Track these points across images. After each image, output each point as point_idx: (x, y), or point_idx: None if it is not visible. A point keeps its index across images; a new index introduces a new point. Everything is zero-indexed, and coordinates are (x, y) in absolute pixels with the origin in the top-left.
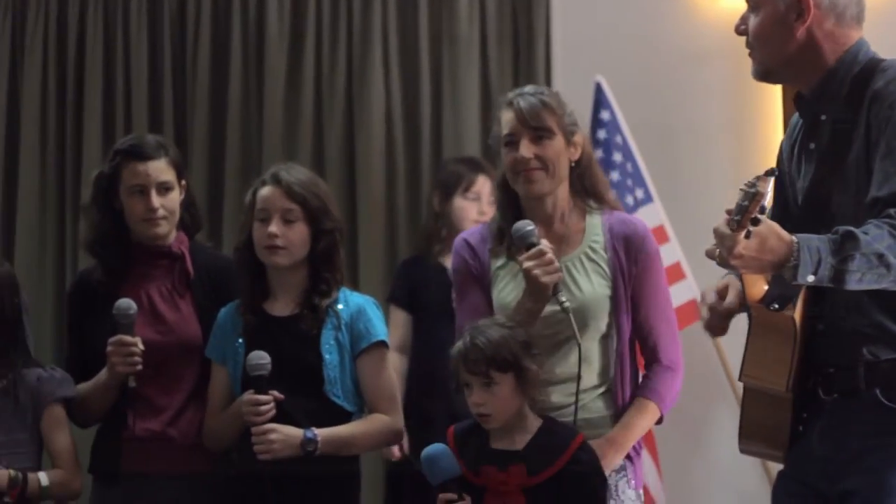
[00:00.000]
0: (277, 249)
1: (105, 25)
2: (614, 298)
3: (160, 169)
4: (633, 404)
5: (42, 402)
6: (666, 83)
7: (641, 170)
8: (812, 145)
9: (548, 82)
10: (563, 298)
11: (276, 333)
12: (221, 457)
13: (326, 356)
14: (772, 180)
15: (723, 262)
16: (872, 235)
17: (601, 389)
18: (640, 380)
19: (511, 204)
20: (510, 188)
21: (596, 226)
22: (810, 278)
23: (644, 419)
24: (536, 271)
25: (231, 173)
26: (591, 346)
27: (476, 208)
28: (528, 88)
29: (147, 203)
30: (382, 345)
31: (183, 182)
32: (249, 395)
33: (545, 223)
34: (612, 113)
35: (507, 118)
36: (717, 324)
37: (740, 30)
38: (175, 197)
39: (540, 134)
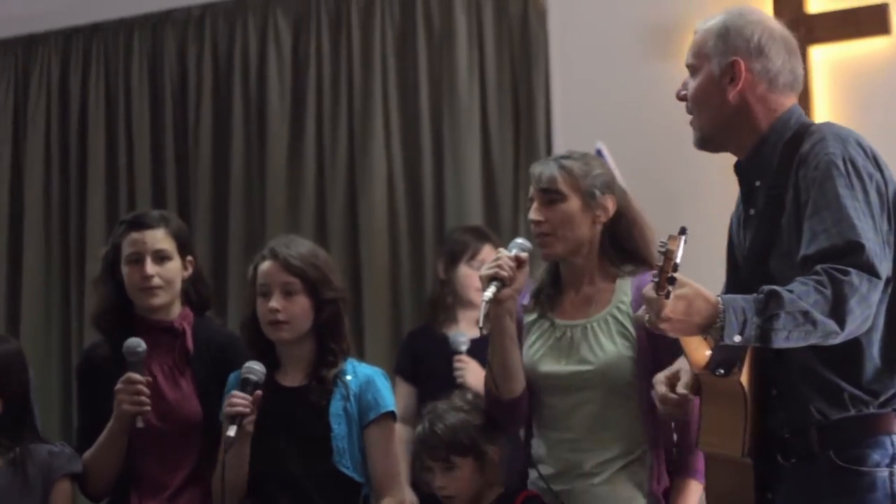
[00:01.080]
0: (280, 324)
1: (107, 99)
2: (638, 360)
3: (156, 238)
4: (676, 487)
5: (51, 478)
6: (666, 149)
7: None
8: (752, 211)
9: (548, 149)
10: (487, 293)
11: (286, 403)
12: None
13: (335, 427)
14: (682, 239)
15: (652, 326)
16: (798, 293)
17: (631, 457)
18: (675, 455)
19: (552, 264)
20: None
21: (624, 287)
22: (737, 338)
23: (689, 501)
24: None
25: (234, 244)
26: (614, 411)
27: (475, 276)
28: (559, 153)
29: (142, 271)
30: (391, 416)
31: (189, 258)
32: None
33: (574, 284)
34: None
35: (531, 186)
36: (673, 411)
37: (680, 95)
38: (173, 267)
39: (550, 198)
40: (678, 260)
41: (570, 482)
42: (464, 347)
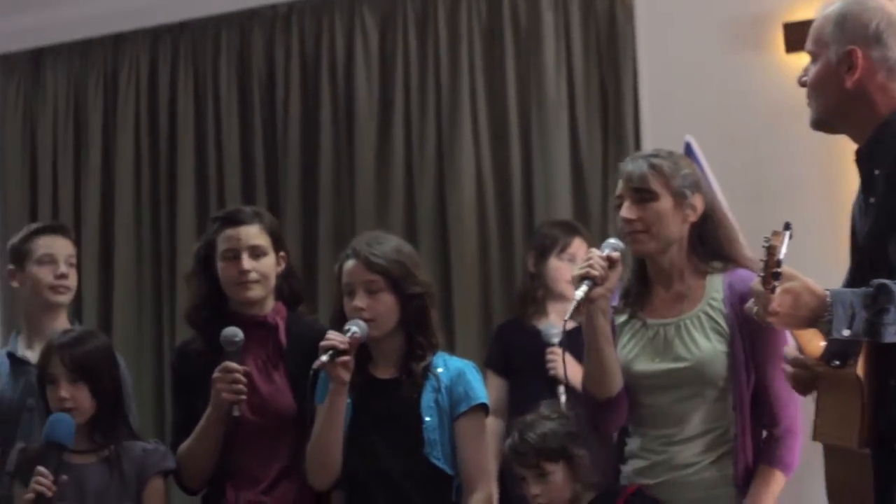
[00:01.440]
0: (368, 322)
1: (195, 97)
2: (732, 356)
3: (252, 234)
4: (759, 473)
5: (145, 475)
6: (756, 140)
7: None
8: (871, 199)
9: (637, 142)
10: (579, 292)
11: (379, 395)
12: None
13: (426, 419)
14: (787, 234)
15: (760, 319)
16: None
17: (722, 449)
18: (762, 444)
19: (638, 263)
20: None
21: (716, 283)
22: (845, 332)
23: (771, 488)
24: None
25: (324, 241)
26: (710, 405)
27: (570, 270)
28: (646, 151)
29: (238, 266)
30: (482, 408)
31: (282, 253)
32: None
33: (664, 282)
34: (703, 172)
35: (619, 181)
36: (803, 377)
37: (801, 81)
38: (269, 263)
39: (642, 196)
40: (782, 256)
41: (662, 475)
42: (556, 339)
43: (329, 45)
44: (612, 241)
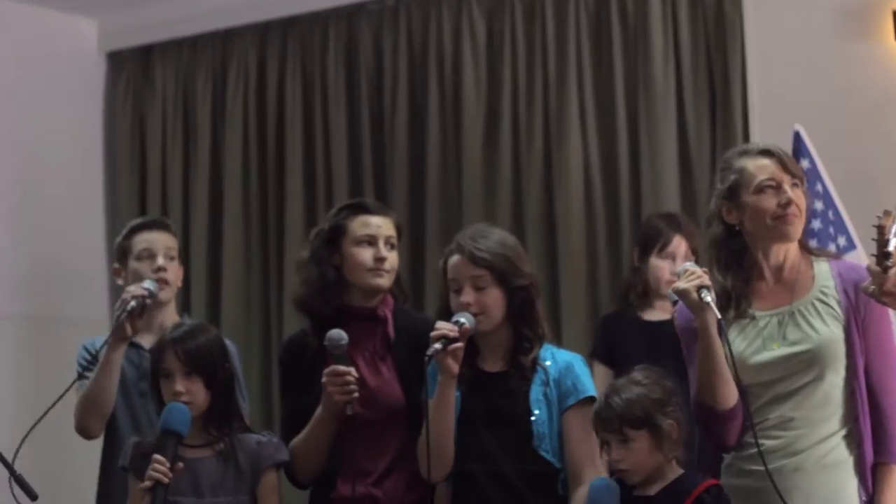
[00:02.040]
0: (476, 317)
1: (304, 92)
2: (848, 340)
3: (388, 225)
4: (879, 474)
5: (260, 467)
6: (865, 130)
7: (843, 217)
8: None
9: (745, 132)
10: (708, 298)
11: (487, 388)
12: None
13: (536, 412)
14: (893, 214)
15: (876, 298)
16: None
17: (843, 432)
18: (874, 438)
19: (732, 258)
20: (728, 244)
21: (825, 272)
22: None
23: (894, 487)
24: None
25: (432, 234)
26: (831, 389)
27: (670, 268)
28: (765, 143)
29: (377, 252)
30: (590, 401)
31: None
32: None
33: (775, 272)
34: (812, 161)
35: (761, 164)
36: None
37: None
38: (396, 257)
39: (796, 182)
40: (892, 235)
41: (780, 460)
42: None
43: (437, 39)
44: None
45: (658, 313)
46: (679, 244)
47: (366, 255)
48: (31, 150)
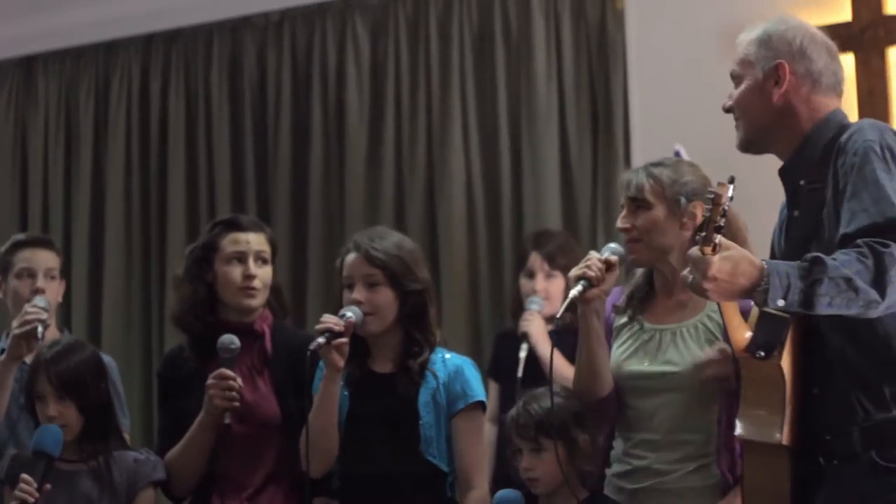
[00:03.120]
0: (366, 316)
1: (187, 104)
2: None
3: (259, 241)
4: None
5: (136, 485)
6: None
7: None
8: (796, 212)
9: (626, 152)
10: (574, 290)
11: (376, 389)
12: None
13: (424, 416)
14: (731, 187)
15: (697, 289)
16: (840, 261)
17: (703, 461)
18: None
19: (646, 270)
20: None
21: None
22: (780, 303)
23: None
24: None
25: (314, 247)
26: (694, 413)
27: (530, 285)
28: (653, 160)
29: (245, 270)
30: (479, 406)
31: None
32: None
33: (667, 290)
34: None
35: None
36: (719, 371)
37: (727, 107)
38: (269, 272)
39: (637, 205)
40: (726, 207)
41: (643, 480)
42: (535, 307)
43: (321, 53)
44: (612, 245)
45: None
46: (535, 260)
47: (235, 272)
48: None
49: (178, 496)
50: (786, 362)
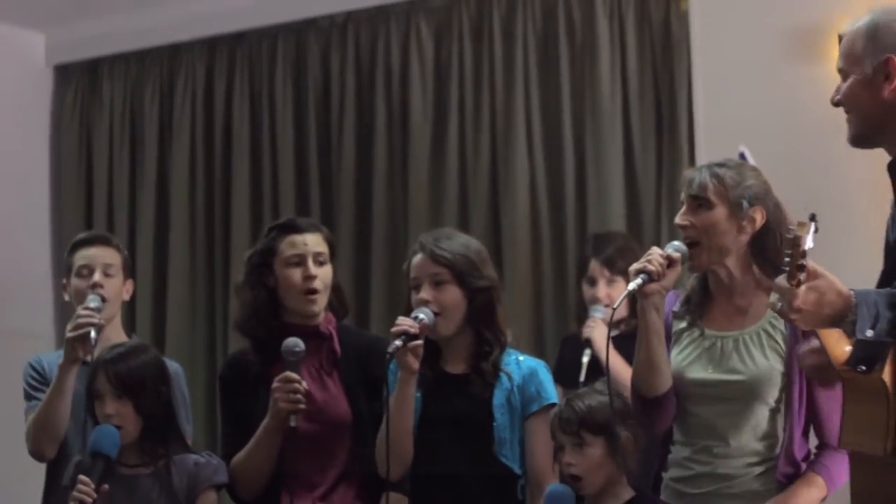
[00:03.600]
0: (436, 317)
1: (251, 107)
2: (788, 375)
3: (317, 241)
4: (802, 476)
5: (197, 489)
6: (809, 153)
7: None
8: None
9: (691, 153)
10: (633, 284)
11: (449, 391)
12: None
13: (498, 417)
14: (812, 226)
15: (783, 315)
16: None
17: (765, 466)
18: (811, 458)
19: (702, 276)
20: None
21: None
22: (869, 333)
23: (810, 490)
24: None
25: (377, 249)
26: (761, 421)
27: (591, 292)
28: (716, 160)
29: (305, 272)
30: (553, 408)
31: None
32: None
33: (725, 295)
34: None
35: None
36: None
37: (835, 101)
38: (329, 272)
39: (699, 203)
40: (807, 247)
41: (705, 486)
42: (598, 314)
43: (384, 55)
44: (676, 243)
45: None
46: (594, 268)
47: (295, 275)
48: None
49: (244, 500)
50: (887, 375)
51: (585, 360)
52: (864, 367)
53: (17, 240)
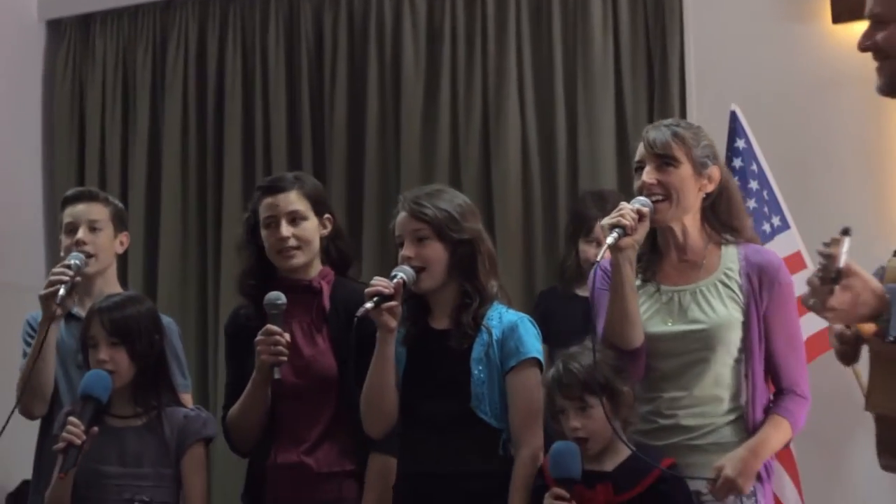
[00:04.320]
0: (419, 273)
1: (244, 64)
2: (746, 324)
3: (290, 200)
4: (767, 420)
5: (186, 441)
6: (801, 110)
7: (778, 197)
8: None
9: (683, 112)
10: (610, 238)
11: (431, 346)
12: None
13: (475, 372)
14: (846, 241)
15: (816, 312)
16: None
17: (732, 416)
18: (771, 402)
19: (649, 234)
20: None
21: (732, 255)
22: None
23: (778, 434)
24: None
25: (369, 209)
26: (723, 370)
27: (594, 251)
28: (666, 121)
29: (276, 233)
30: (534, 362)
31: (327, 216)
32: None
33: (678, 250)
34: (748, 141)
35: (639, 148)
36: (849, 351)
37: (864, 45)
38: (309, 227)
39: (665, 162)
40: (842, 264)
41: (670, 437)
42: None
43: (377, 14)
44: (641, 198)
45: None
46: (600, 228)
47: (270, 237)
48: None
49: (240, 451)
50: None
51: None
52: (893, 337)
53: (9, 195)
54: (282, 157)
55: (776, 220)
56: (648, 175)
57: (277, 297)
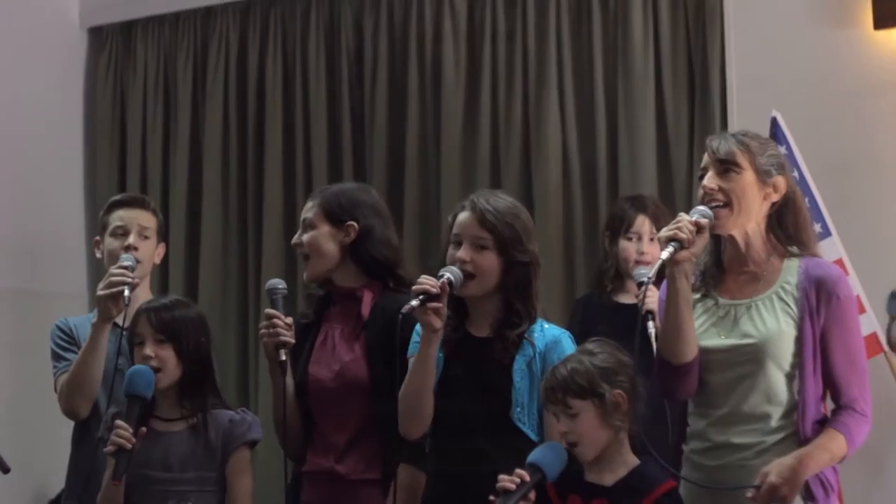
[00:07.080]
0: (469, 279)
1: (284, 71)
2: (800, 339)
3: (305, 209)
4: (822, 433)
5: (232, 444)
6: (842, 117)
7: (819, 204)
8: None
9: (723, 117)
10: (665, 252)
11: (471, 352)
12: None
13: (517, 381)
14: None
15: None
16: None
17: (782, 433)
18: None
19: (714, 245)
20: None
21: (792, 268)
22: None
23: (831, 446)
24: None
25: (409, 214)
26: (775, 386)
27: (635, 248)
28: (734, 130)
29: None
30: None
31: (349, 223)
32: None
33: (739, 263)
34: (789, 147)
35: (705, 155)
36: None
37: None
38: (317, 235)
39: (727, 167)
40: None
41: (723, 457)
42: (646, 279)
43: (418, 18)
44: (701, 208)
45: (631, 296)
46: (643, 223)
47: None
48: (11, 123)
49: (291, 456)
50: None
51: (652, 331)
52: None
53: (51, 202)
54: (322, 162)
55: (818, 228)
56: (710, 180)
57: (278, 282)
